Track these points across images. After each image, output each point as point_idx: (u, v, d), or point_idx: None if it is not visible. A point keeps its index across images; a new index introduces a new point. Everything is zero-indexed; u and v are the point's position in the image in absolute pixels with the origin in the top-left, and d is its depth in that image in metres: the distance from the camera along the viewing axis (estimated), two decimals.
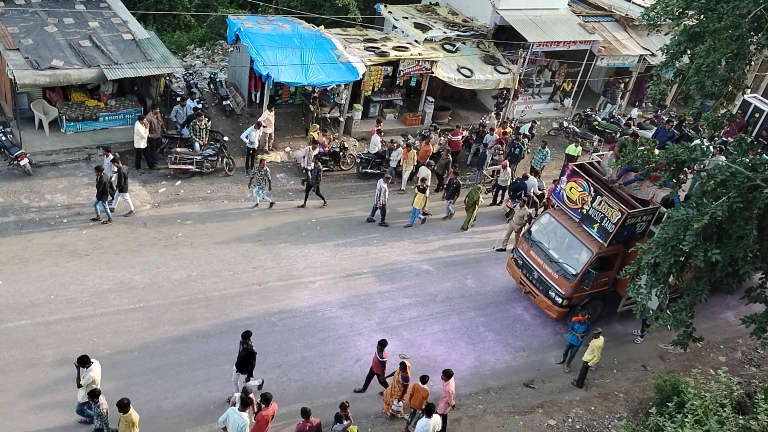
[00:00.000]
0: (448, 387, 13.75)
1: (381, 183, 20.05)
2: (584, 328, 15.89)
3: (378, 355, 14.38)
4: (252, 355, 13.56)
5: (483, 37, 26.78)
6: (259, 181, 19.66)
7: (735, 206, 12.35)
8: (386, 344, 14.36)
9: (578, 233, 16.92)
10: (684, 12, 14.93)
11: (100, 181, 17.74)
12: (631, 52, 27.42)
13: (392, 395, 14.21)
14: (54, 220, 18.18)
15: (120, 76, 20.25)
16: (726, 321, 19.24)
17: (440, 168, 22.14)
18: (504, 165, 21.81)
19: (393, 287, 18.17)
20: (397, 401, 14.17)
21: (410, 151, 21.79)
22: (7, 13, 21.21)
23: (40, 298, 15.72)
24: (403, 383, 13.92)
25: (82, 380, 12.35)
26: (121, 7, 23.22)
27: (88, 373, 12.35)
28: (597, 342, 15.46)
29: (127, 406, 11.80)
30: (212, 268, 17.58)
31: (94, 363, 12.49)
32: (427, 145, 22.36)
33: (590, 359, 15.64)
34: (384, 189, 19.93)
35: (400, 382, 13.93)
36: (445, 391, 13.77)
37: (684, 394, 13.48)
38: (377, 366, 14.54)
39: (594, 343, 15.47)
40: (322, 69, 22.05)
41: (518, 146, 23.16)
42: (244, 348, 13.56)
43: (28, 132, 20.57)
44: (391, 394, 14.26)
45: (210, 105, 23.83)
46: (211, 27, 29.99)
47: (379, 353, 14.35)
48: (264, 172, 19.52)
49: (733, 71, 14.09)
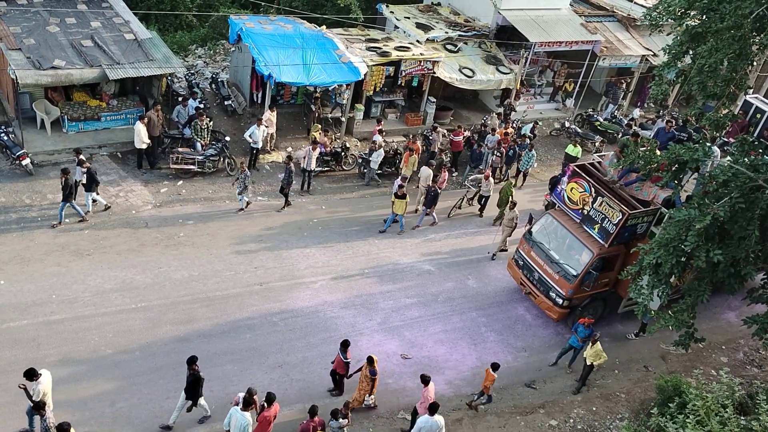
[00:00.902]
0: (426, 393, 13.62)
1: (398, 182, 20.29)
2: (588, 333, 15.83)
3: (341, 356, 14.19)
4: (198, 381, 13.04)
5: (485, 37, 26.78)
6: (240, 183, 19.38)
7: (737, 207, 12.34)
8: (349, 344, 14.18)
9: (579, 234, 16.90)
10: (686, 12, 14.92)
11: (66, 184, 17.46)
12: (633, 53, 27.40)
13: (363, 390, 14.11)
14: (56, 220, 18.18)
15: (122, 75, 20.27)
16: (728, 322, 19.22)
17: (434, 169, 22.06)
18: (486, 175, 21.15)
19: (394, 287, 18.17)
20: (368, 396, 14.12)
21: (411, 155, 21.56)
22: (9, 13, 21.24)
23: (42, 297, 15.74)
24: (371, 377, 13.85)
25: (32, 394, 12.07)
26: (123, 7, 23.24)
27: (36, 386, 12.07)
28: (598, 345, 15.44)
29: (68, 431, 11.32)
30: (214, 268, 17.60)
31: (43, 374, 12.17)
32: (415, 143, 22.14)
33: (599, 361, 15.49)
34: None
35: (368, 377, 13.85)
36: (424, 396, 13.64)
37: (686, 395, 13.47)
38: (340, 366, 14.35)
39: (597, 347, 15.41)
40: (323, 69, 22.05)
41: (513, 147, 23.05)
42: (190, 374, 12.95)
43: (30, 132, 20.59)
44: (359, 389, 14.15)
45: (212, 105, 23.84)
46: (212, 27, 30.01)
47: (342, 354, 14.16)
48: (245, 174, 19.28)
49: (735, 72, 14.08)
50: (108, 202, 18.91)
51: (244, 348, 15.48)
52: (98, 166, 20.33)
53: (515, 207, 19.58)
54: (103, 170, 20.29)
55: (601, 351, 15.38)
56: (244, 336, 15.81)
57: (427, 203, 20.53)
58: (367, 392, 14.10)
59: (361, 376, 14.10)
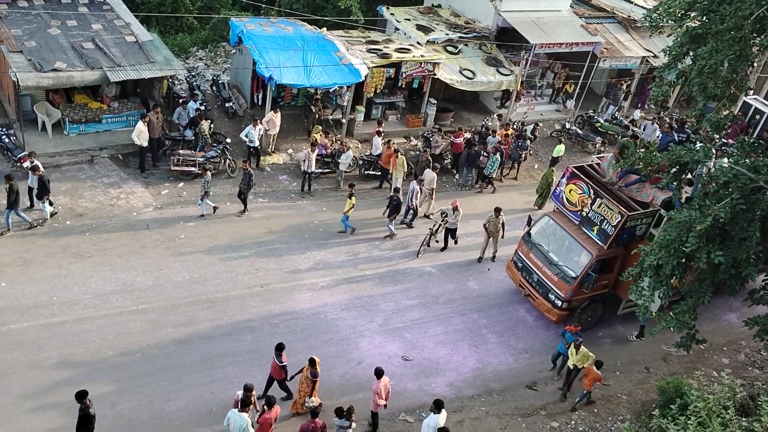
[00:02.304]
0: (376, 386, 13.57)
1: (414, 184, 20.24)
2: (574, 340, 15.42)
3: (276, 360, 13.75)
4: (89, 419, 11.92)
5: (485, 38, 26.79)
6: (203, 189, 18.91)
7: (738, 208, 12.32)
8: (284, 348, 13.74)
9: (578, 236, 16.87)
10: (686, 13, 14.93)
11: (11, 190, 16.94)
12: (633, 54, 27.41)
13: (302, 392, 13.78)
14: (57, 222, 18.20)
15: (123, 78, 20.31)
16: (729, 323, 19.20)
17: (419, 170, 22.00)
18: (454, 206, 19.22)
19: (395, 289, 18.17)
20: (309, 398, 13.67)
21: (398, 157, 21.26)
22: (10, 16, 21.27)
23: (43, 299, 15.74)
24: (312, 379, 13.56)
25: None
26: (124, 10, 23.28)
27: None
28: (583, 349, 15.17)
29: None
30: (215, 269, 17.60)
31: None
32: (389, 149, 21.55)
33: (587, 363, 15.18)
34: (417, 190, 20.13)
35: (309, 378, 13.56)
36: (373, 390, 13.62)
37: (687, 396, 13.42)
38: (276, 371, 13.92)
39: (582, 351, 15.13)
40: (324, 71, 22.07)
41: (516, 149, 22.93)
42: (80, 409, 11.92)
43: (31, 134, 20.63)
44: (299, 390, 13.86)
45: (212, 107, 23.87)
46: (213, 29, 30.08)
47: (277, 358, 13.72)
48: (206, 179, 18.81)
49: (735, 73, 14.08)
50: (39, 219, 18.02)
51: (245, 350, 15.48)
52: (99, 168, 20.40)
53: (500, 213, 19.20)
54: (104, 172, 20.32)
55: (587, 353, 15.15)
56: (245, 338, 15.81)
57: (389, 212, 19.78)
58: (308, 394, 13.69)
59: (302, 378, 13.74)
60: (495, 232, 19.41)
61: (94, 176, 20.09)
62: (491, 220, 19.25)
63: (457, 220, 19.40)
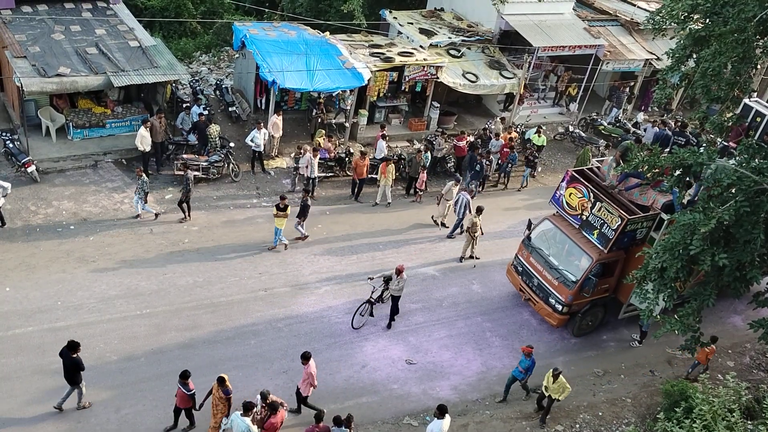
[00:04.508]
0: (308, 369, 13.52)
1: (465, 195, 20.10)
2: (528, 364, 14.90)
3: (183, 388, 12.82)
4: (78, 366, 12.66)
5: (488, 42, 26.80)
6: (139, 190, 18.56)
7: (742, 210, 12.29)
8: (189, 375, 12.78)
9: (578, 239, 16.81)
10: (689, 16, 14.94)
11: None
12: (636, 57, 27.39)
13: (219, 415, 12.88)
14: (61, 227, 18.25)
15: (126, 83, 20.35)
16: (734, 326, 19.14)
17: (413, 171, 22.02)
18: (399, 269, 16.41)
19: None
20: (226, 418, 12.76)
21: (389, 164, 21.08)
22: (14, 21, 21.36)
23: (47, 304, 15.77)
24: (226, 397, 12.74)
25: None
26: (127, 15, 23.37)
27: None
28: (561, 379, 14.47)
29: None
30: (218, 273, 17.62)
31: None
32: (363, 159, 21.10)
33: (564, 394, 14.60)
34: (468, 201, 19.96)
35: (223, 398, 12.74)
36: (306, 373, 13.57)
37: (692, 400, 13.41)
38: (183, 400, 12.99)
39: (560, 380, 14.46)
40: (327, 75, 22.10)
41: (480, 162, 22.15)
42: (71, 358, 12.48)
43: (35, 139, 20.70)
44: (214, 414, 12.96)
45: (216, 111, 23.92)
46: (216, 34, 30.15)
47: (183, 386, 12.79)
48: (142, 180, 18.39)
49: (739, 75, 14.09)
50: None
51: (249, 354, 15.49)
52: (103, 173, 20.45)
53: (480, 213, 19.16)
54: (107, 177, 20.37)
55: (564, 383, 14.44)
56: (249, 342, 15.82)
57: (299, 213, 18.94)
58: (225, 414, 12.80)
59: (214, 400, 12.87)
60: (475, 232, 19.38)
61: (98, 181, 20.14)
62: (471, 219, 19.22)
63: (400, 287, 16.50)
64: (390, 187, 21.52)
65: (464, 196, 20.12)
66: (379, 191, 21.55)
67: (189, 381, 12.80)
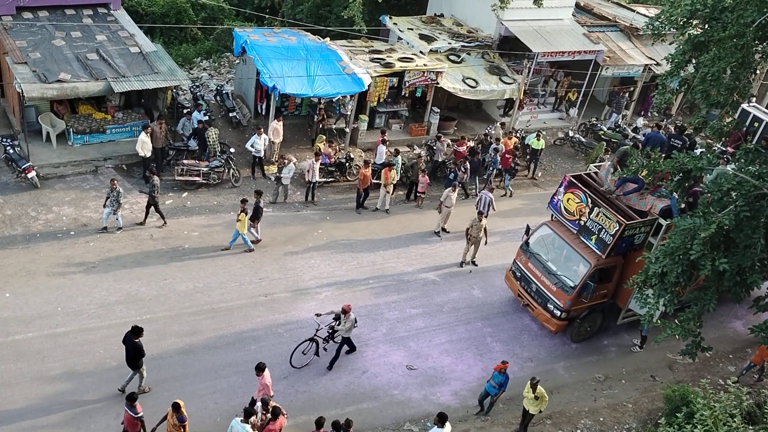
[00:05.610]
0: (263, 380, 13.42)
1: (487, 194, 20.23)
2: (501, 379, 14.58)
3: (130, 411, 12.30)
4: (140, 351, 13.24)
5: (488, 47, 26.86)
6: (112, 202, 18.10)
7: (742, 215, 12.29)
8: (136, 398, 12.41)
9: (576, 245, 16.79)
10: (688, 21, 14.95)
11: None
12: (635, 62, 27.43)
13: None
14: (61, 233, 18.25)
15: (127, 88, 20.39)
16: (735, 330, 19.12)
17: (414, 174, 21.99)
18: (345, 309, 15.23)
19: (399, 298, 18.14)
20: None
21: (391, 170, 21.13)
22: (15, 27, 21.41)
23: (47, 310, 15.76)
24: (180, 424, 12.33)
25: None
26: (128, 21, 23.42)
27: None
28: (541, 389, 14.14)
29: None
30: (218, 279, 17.61)
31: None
32: (368, 168, 20.86)
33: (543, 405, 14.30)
34: (491, 200, 20.18)
35: (177, 425, 12.34)
36: (261, 384, 13.47)
37: (693, 405, 13.38)
38: (131, 425, 12.46)
39: (540, 391, 14.06)
40: (327, 80, 22.15)
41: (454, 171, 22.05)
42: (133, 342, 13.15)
43: (35, 145, 20.72)
44: None
45: (216, 117, 23.95)
46: (217, 40, 30.22)
47: (130, 409, 12.29)
48: (117, 192, 18.03)
49: (738, 80, 14.10)
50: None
51: (250, 359, 15.43)
52: (104, 179, 20.45)
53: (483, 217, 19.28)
54: (108, 183, 20.35)
55: (543, 393, 14.07)
56: (249, 347, 15.80)
57: (251, 217, 18.68)
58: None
59: (168, 427, 12.45)
60: (477, 237, 19.39)
61: (99, 186, 20.14)
62: (474, 224, 19.21)
63: (346, 327, 15.30)
64: (390, 195, 21.53)
65: (486, 195, 20.27)
66: (380, 196, 21.58)
67: (136, 404, 12.35)
